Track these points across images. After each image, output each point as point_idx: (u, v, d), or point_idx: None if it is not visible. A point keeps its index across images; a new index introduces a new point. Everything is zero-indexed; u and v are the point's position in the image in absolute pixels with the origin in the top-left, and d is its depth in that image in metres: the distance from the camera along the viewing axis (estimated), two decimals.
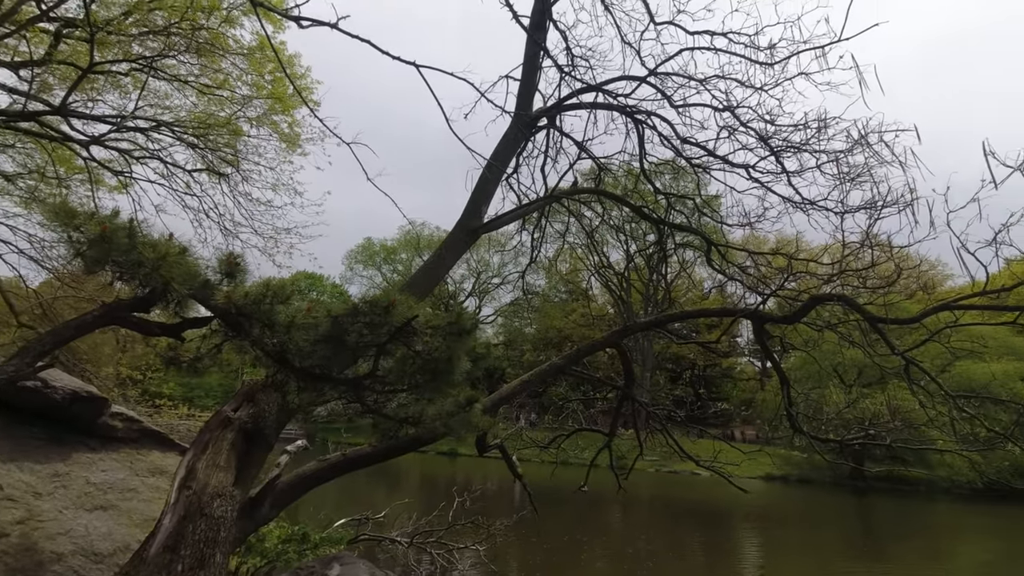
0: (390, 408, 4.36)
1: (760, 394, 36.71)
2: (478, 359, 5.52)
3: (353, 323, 3.59)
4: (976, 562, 14.41)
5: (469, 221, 6.37)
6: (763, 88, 6.68)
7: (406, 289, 4.78)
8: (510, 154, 6.82)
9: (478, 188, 6.20)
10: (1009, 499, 24.47)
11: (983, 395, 13.37)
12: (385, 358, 3.95)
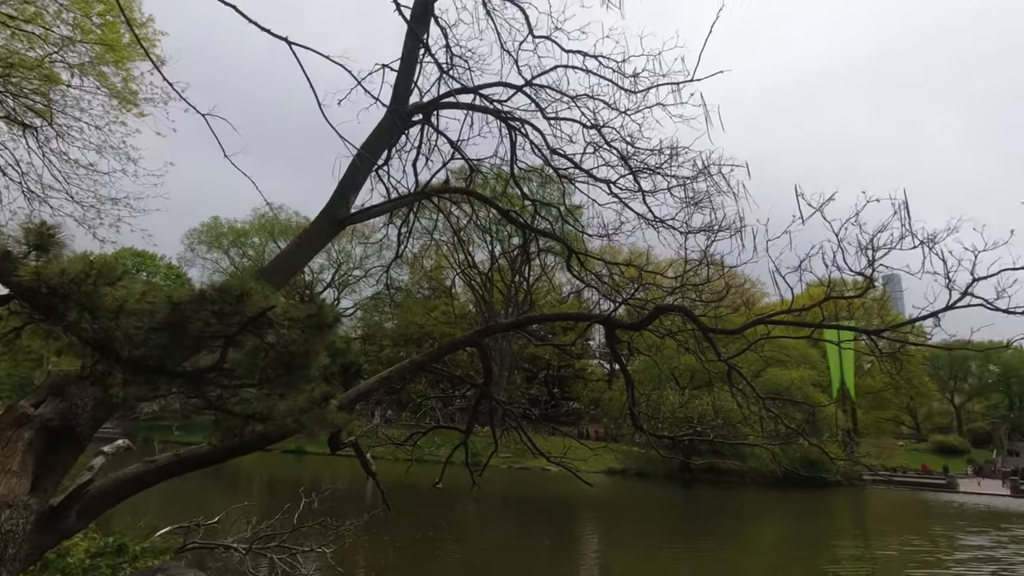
0: (236, 404, 4.02)
1: (607, 394, 39.55)
2: (337, 354, 5.27)
3: (198, 311, 3.25)
4: (771, 541, 16.88)
5: (335, 210, 6.07)
6: (626, 112, 7.21)
7: (262, 277, 4.43)
8: (382, 146, 6.63)
9: (347, 177, 5.93)
10: (799, 485, 28.96)
11: (784, 397, 15.74)
12: (233, 350, 3.63)
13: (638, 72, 7.35)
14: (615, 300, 9.12)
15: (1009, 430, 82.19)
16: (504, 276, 38.64)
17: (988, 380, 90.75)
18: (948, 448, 73.39)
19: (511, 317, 26.86)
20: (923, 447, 73.99)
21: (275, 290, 4.07)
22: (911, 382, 67.03)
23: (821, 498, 28.53)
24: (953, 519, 21.79)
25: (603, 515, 19.84)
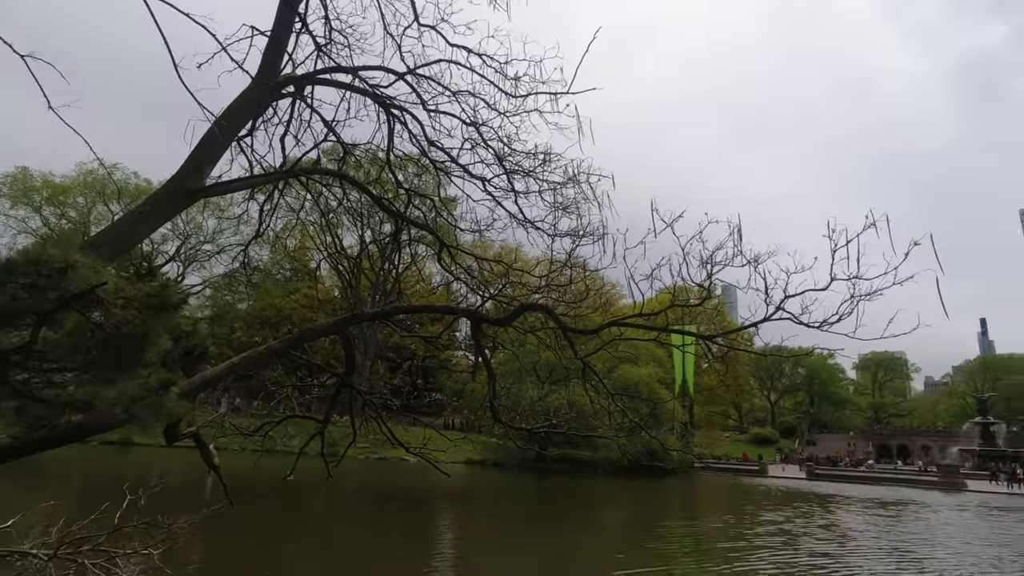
0: (47, 390, 3.52)
1: (471, 385, 40.18)
2: (181, 337, 4.83)
3: (3, 283, 2.82)
4: (615, 523, 18.31)
5: (187, 180, 5.52)
6: (505, 114, 7.39)
7: (93, 247, 3.92)
8: (247, 116, 6.14)
9: (203, 146, 5.41)
10: (643, 473, 31.67)
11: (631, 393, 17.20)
12: (50, 329, 3.19)
13: (519, 76, 7.55)
14: (483, 295, 9.32)
15: (809, 423, 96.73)
16: (374, 263, 37.38)
17: (796, 381, 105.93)
18: (763, 439, 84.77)
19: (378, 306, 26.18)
20: (744, 438, 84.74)
21: (107, 263, 3.63)
22: (738, 381, 76.45)
23: (660, 484, 31.48)
24: (761, 499, 25.24)
25: (460, 504, 20.19)
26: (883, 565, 11.21)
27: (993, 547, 14.15)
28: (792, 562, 11.48)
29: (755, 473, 43.93)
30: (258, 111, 6.29)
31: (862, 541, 14.40)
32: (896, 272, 5.84)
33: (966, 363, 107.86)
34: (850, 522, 18.13)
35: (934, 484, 37.58)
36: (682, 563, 11.28)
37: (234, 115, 5.57)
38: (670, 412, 39.43)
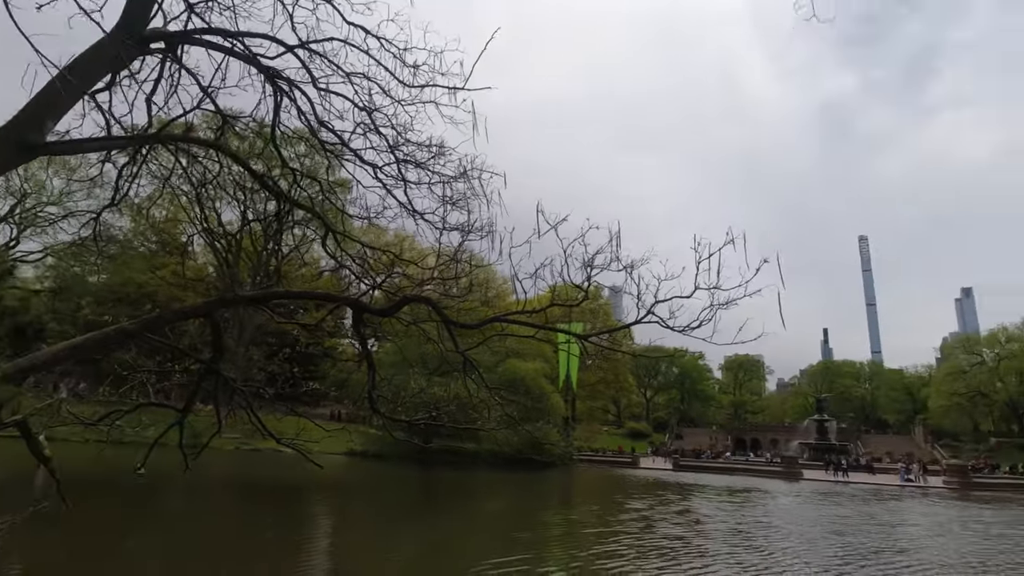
0: None
1: (356, 375, 39.00)
2: (8, 313, 4.26)
3: None
4: (493, 512, 18.67)
5: (25, 133, 4.83)
6: (401, 102, 7.24)
7: None
8: (101, 70, 5.48)
9: (44, 97, 4.75)
10: (525, 465, 32.66)
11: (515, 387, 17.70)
12: None
13: (418, 65, 7.43)
14: (369, 284, 9.10)
15: (679, 419, 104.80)
16: (256, 242, 34.82)
17: (670, 379, 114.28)
18: (638, 433, 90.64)
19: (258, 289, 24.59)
20: (621, 432, 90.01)
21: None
22: (618, 378, 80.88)
23: (540, 476, 32.57)
24: (630, 489, 26.95)
25: (338, 496, 19.62)
26: (726, 546, 12.47)
27: (814, 527, 16.32)
28: (647, 544, 12.45)
29: (628, 465, 46.83)
30: (116, 66, 5.64)
31: (710, 524, 15.92)
32: (747, 285, 6.48)
33: (810, 367, 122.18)
34: (702, 508, 19.94)
35: (777, 473, 42.24)
36: (550, 548, 11.80)
37: (85, 67, 4.95)
38: (553, 406, 40.87)
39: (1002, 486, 38.42)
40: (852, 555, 11.97)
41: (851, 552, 12.27)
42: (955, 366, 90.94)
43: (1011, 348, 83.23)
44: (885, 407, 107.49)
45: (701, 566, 10.31)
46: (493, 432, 13.25)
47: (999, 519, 20.47)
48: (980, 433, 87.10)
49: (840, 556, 11.79)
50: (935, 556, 12.30)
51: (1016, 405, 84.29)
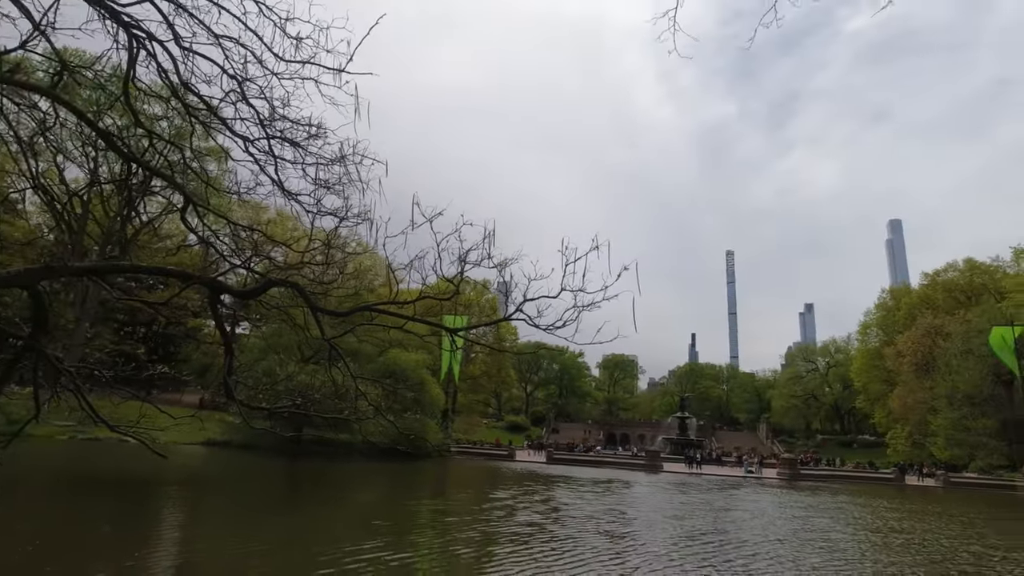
0: None
1: (220, 359, 36.29)
2: None
3: None
4: (363, 503, 18.29)
5: None
6: (278, 75, 6.88)
7: None
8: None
9: None
10: (401, 456, 32.21)
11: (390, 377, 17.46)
12: None
13: (301, 37, 7.10)
14: (238, 263, 8.57)
15: (556, 413, 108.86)
16: (109, 206, 30.78)
17: (551, 375, 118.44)
18: (517, 426, 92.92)
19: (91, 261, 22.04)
20: (500, 424, 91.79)
21: None
22: (500, 372, 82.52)
23: (416, 467, 32.39)
24: (501, 480, 27.66)
25: (191, 488, 18.22)
26: (576, 530, 13.30)
27: (658, 512, 17.93)
28: (504, 530, 12.95)
29: (504, 458, 47.92)
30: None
31: (567, 512, 16.84)
32: (607, 290, 6.93)
33: (677, 368, 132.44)
34: (563, 497, 21.00)
35: (641, 466, 45.37)
36: (408, 536, 11.87)
37: None
38: (433, 398, 40.80)
39: (822, 476, 44.39)
40: (682, 536, 13.42)
41: (682, 534, 13.72)
42: (794, 372, 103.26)
43: (838, 358, 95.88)
44: (738, 406, 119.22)
45: (549, 549, 10.89)
46: (368, 423, 13.01)
47: (807, 503, 23.71)
48: (810, 431, 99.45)
49: (672, 537, 13.20)
50: (747, 535, 14.08)
51: (839, 407, 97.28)
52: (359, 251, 8.43)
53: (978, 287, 63.87)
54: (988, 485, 41.91)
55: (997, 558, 12.55)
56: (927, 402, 55.11)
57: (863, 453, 74.77)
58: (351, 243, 10.62)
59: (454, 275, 7.82)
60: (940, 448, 52.18)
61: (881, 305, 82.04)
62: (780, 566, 10.70)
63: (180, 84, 6.86)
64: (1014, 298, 46.93)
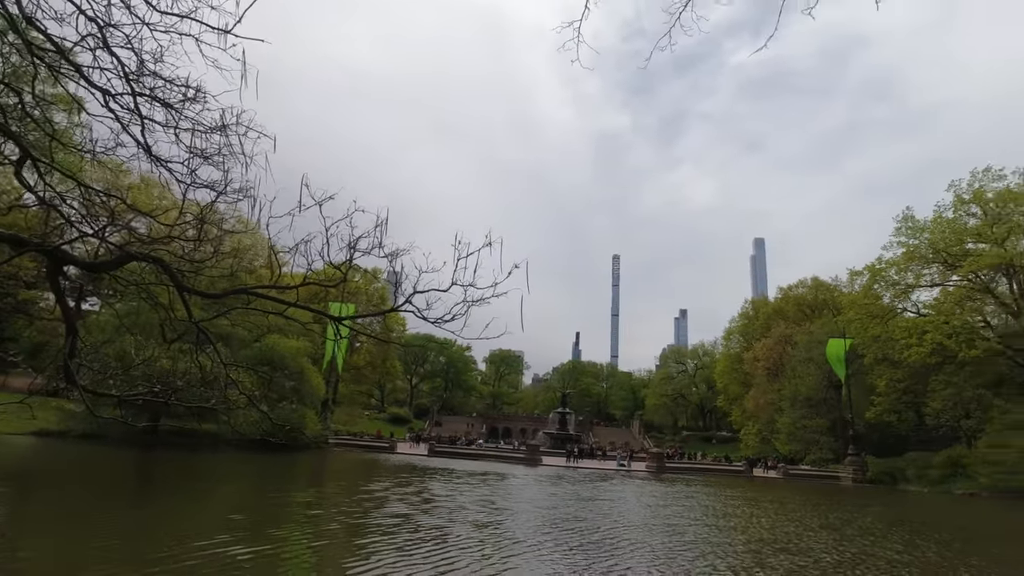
0: None
1: (59, 339, 32.05)
2: None
3: None
4: (224, 496, 17.03)
5: None
6: (150, 25, 6.15)
7: None
8: None
9: None
10: (275, 448, 30.41)
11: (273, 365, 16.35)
12: None
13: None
14: (84, 231, 7.58)
15: (440, 406, 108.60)
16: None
17: (437, 368, 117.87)
18: (400, 418, 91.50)
19: None
20: (383, 416, 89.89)
21: None
22: (386, 363, 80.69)
23: (290, 459, 30.73)
24: (378, 472, 26.97)
25: (16, 483, 15.99)
26: (443, 520, 13.40)
27: (527, 503, 18.48)
28: (370, 522, 12.72)
29: (385, 450, 46.98)
30: None
31: (438, 503, 16.88)
32: (496, 286, 6.97)
33: (561, 365, 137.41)
34: (438, 489, 21.01)
35: (521, 459, 46.53)
36: (264, 529, 11.21)
37: None
38: (313, 387, 39.03)
39: (684, 469, 48.27)
40: (544, 523, 13.98)
41: (545, 521, 14.31)
42: (667, 373, 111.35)
43: (705, 360, 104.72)
44: (615, 403, 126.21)
45: (416, 539, 10.85)
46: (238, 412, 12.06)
47: (664, 493, 25.74)
48: (677, 427, 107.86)
49: (534, 524, 13.68)
50: (602, 522, 15.01)
51: (703, 405, 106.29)
52: (239, 229, 7.74)
53: (821, 303, 72.67)
54: (819, 476, 47.96)
55: (811, 536, 14.41)
56: (775, 403, 61.89)
57: (721, 448, 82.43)
58: (230, 220, 9.78)
59: (343, 262, 7.51)
60: (782, 443, 58.81)
61: (743, 314, 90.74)
62: (623, 546, 11.62)
63: (21, 16, 5.92)
64: (847, 314, 53.78)
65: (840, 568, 10.72)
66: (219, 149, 6.65)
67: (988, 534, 18.98)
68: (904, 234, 49.56)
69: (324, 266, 7.50)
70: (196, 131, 6.62)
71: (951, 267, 46.22)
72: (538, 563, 9.60)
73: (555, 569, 9.25)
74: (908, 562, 11.67)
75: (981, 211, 45.77)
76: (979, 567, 11.63)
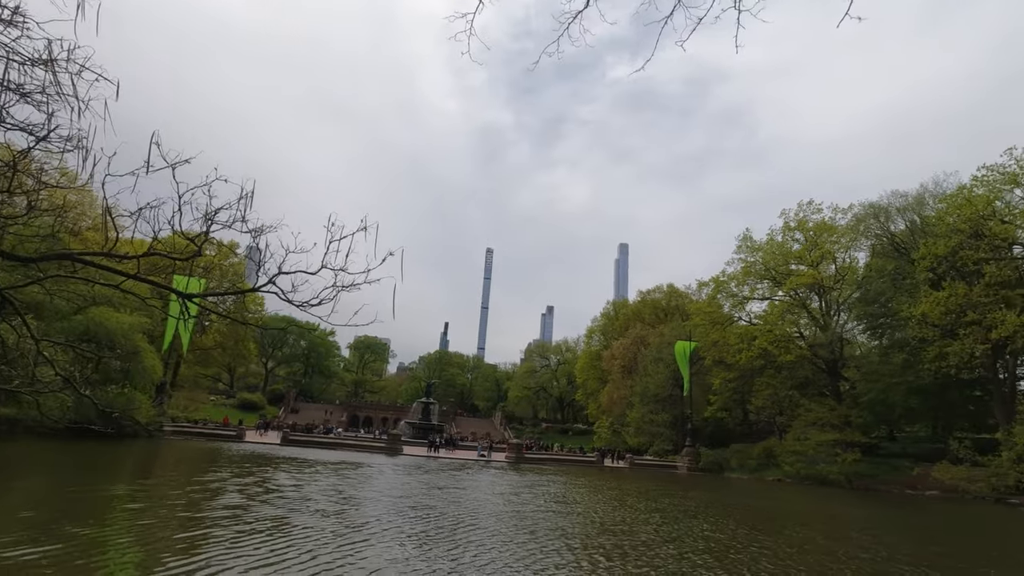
0: None
1: None
2: None
3: None
4: (22, 489, 14.54)
5: None
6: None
7: None
8: None
9: None
10: (95, 436, 26.75)
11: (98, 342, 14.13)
12: None
13: None
14: None
15: (298, 393, 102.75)
16: None
17: (297, 352, 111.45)
18: (251, 404, 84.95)
19: None
20: (231, 402, 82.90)
21: None
22: (238, 345, 74.46)
23: (116, 448, 27.21)
24: (220, 462, 24.70)
25: None
26: (283, 510, 12.76)
27: (373, 492, 18.09)
28: (194, 516, 11.71)
29: (232, 438, 43.44)
30: None
31: (283, 493, 15.93)
32: (369, 272, 6.67)
33: (428, 354, 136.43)
34: (283, 479, 19.85)
35: (381, 449, 45.52)
36: (67, 527, 9.77)
37: None
38: (148, 368, 34.95)
39: (541, 459, 50.38)
40: (390, 511, 13.76)
41: (391, 509, 14.09)
42: (531, 366, 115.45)
43: (567, 356, 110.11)
44: (480, 395, 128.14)
45: (248, 531, 10.17)
46: (47, 394, 10.29)
47: (517, 481, 26.73)
48: (538, 419, 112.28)
49: (380, 512, 13.42)
50: (451, 508, 15.28)
51: (563, 399, 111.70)
52: (64, 184, 6.55)
53: (673, 308, 79.69)
54: (660, 465, 52.69)
55: (642, 518, 15.83)
56: (627, 398, 66.82)
57: (577, 439, 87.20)
58: (52, 171, 8.23)
59: (197, 234, 6.75)
60: (631, 436, 63.68)
61: (605, 314, 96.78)
62: (462, 531, 11.96)
63: None
64: (694, 320, 59.59)
65: (654, 546, 11.96)
66: (43, 87, 5.62)
67: (785, 514, 22.12)
68: (743, 252, 56.12)
69: (173, 236, 6.69)
70: (11, 60, 5.52)
71: (778, 284, 53.12)
72: (371, 550, 9.45)
73: (393, 556, 9.15)
74: (716, 539, 13.26)
75: (803, 237, 53.12)
76: (771, 546, 13.46)
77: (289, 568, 8.00)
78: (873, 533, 16.64)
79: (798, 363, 49.54)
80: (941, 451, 41.16)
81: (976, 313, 36.95)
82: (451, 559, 9.25)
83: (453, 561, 9.13)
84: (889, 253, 49.71)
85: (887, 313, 47.80)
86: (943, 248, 39.17)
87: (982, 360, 38.83)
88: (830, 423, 44.99)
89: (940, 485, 37.69)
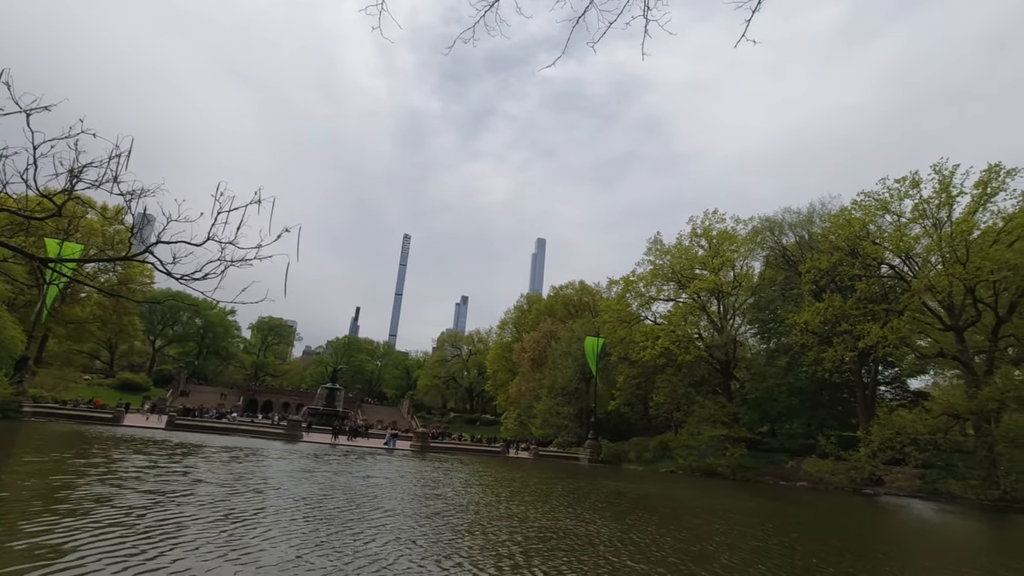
0: None
1: None
2: None
3: None
4: None
5: None
6: None
7: None
8: None
9: None
10: None
11: None
12: None
13: None
14: None
15: (189, 374, 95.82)
16: None
17: (191, 330, 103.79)
18: (134, 385, 78.02)
19: None
20: (110, 382, 75.73)
21: None
22: (121, 320, 68.16)
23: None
24: (81, 447, 22.32)
25: None
26: (138, 496, 11.88)
27: (256, 480, 16.85)
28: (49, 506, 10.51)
29: (108, 422, 39.74)
30: None
31: (133, 485, 14.49)
32: (260, 248, 6.14)
33: (336, 339, 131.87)
34: (138, 463, 18.28)
35: (279, 435, 43.48)
36: None
37: None
38: (6, 341, 31.13)
39: (447, 449, 50.25)
40: (274, 504, 12.84)
41: (272, 502, 13.10)
42: (442, 355, 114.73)
43: (479, 347, 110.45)
44: (388, 382, 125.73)
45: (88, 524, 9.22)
46: None
47: (418, 470, 26.45)
48: (446, 408, 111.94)
49: (256, 505, 12.51)
50: (339, 496, 14.93)
51: (472, 389, 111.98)
52: None
53: (584, 304, 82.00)
54: (563, 457, 54.19)
55: (539, 509, 16.02)
56: (535, 391, 68.07)
57: (484, 429, 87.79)
58: None
59: (58, 191, 5.93)
60: (537, 428, 65.00)
61: (519, 307, 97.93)
62: (341, 518, 11.72)
63: None
64: (603, 317, 61.64)
65: (544, 533, 12.11)
66: None
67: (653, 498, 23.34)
68: (653, 254, 58.73)
69: (29, 192, 5.82)
70: None
71: (682, 286, 56.10)
72: (224, 539, 8.80)
73: (246, 544, 8.60)
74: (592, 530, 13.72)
75: (707, 244, 56.38)
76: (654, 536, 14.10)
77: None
78: (727, 518, 17.93)
79: (696, 363, 52.66)
80: (812, 446, 45.37)
81: (848, 324, 40.93)
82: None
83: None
84: (780, 264, 53.96)
85: (775, 319, 51.93)
86: (825, 263, 43.00)
87: (850, 366, 43.31)
88: (721, 420, 48.28)
89: (809, 477, 41.63)
